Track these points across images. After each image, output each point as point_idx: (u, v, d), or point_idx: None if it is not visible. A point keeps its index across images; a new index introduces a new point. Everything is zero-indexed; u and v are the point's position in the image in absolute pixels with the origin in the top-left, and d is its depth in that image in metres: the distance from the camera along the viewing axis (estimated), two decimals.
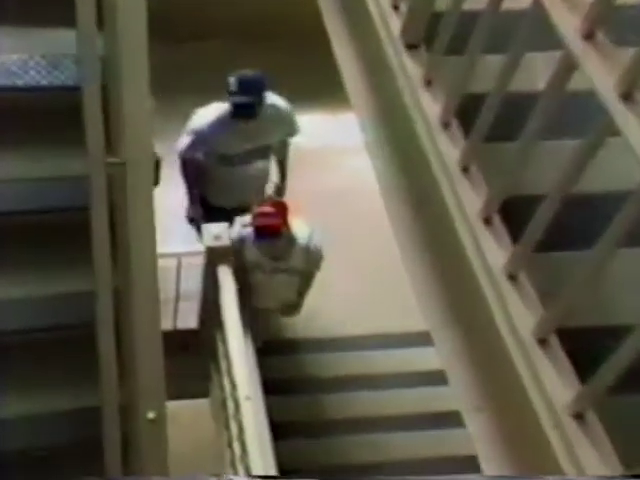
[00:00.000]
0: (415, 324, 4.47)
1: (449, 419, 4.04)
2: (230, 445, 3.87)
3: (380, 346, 5.15)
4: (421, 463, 4.51)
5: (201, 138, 4.36)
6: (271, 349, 4.56)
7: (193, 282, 4.62)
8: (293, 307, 4.55)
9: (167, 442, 2.69)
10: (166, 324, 4.37)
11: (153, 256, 2.57)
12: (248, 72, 4.32)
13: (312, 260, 4.24)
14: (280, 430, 4.10)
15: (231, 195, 4.59)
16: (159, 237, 2.52)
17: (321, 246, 4.22)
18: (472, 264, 2.15)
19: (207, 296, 4.37)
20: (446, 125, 2.46)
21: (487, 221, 2.20)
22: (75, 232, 2.51)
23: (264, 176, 4.66)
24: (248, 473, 3.41)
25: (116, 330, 2.57)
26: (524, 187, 2.22)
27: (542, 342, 1.94)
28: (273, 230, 3.96)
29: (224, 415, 4.03)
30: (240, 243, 4.19)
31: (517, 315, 2.00)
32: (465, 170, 2.35)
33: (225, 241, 4.18)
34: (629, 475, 1.66)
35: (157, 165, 5.23)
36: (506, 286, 2.06)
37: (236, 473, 3.70)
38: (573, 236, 2.13)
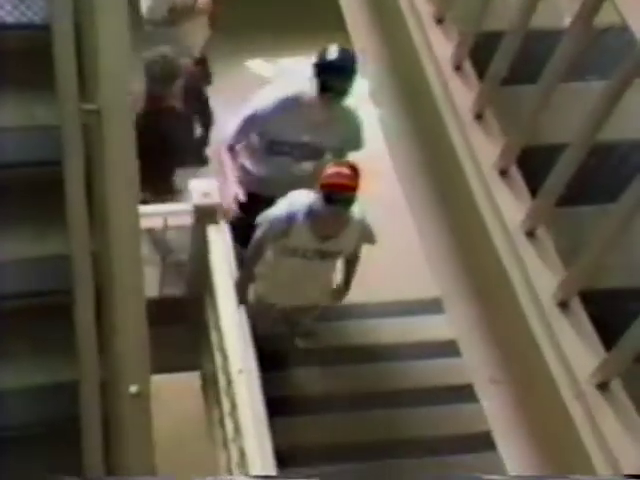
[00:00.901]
0: (428, 290, 4.53)
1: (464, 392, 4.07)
2: (222, 423, 3.90)
3: (391, 314, 5.17)
4: (434, 440, 4.55)
5: (259, 120, 4.20)
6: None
7: (182, 244, 4.62)
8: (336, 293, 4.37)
9: (152, 419, 2.70)
10: (151, 290, 4.38)
11: (134, 215, 2.56)
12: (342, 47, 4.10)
13: (365, 237, 4.07)
14: (277, 406, 4.11)
15: (270, 186, 4.37)
16: None
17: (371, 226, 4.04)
18: (486, 221, 2.15)
19: (196, 259, 4.37)
20: (458, 67, 2.44)
21: (503, 173, 2.19)
22: (47, 189, 2.50)
23: (308, 180, 4.31)
24: (242, 454, 3.44)
25: (95, 297, 2.57)
26: (544, 135, 2.21)
27: (563, 305, 1.94)
28: (351, 192, 3.69)
29: (215, 390, 4.05)
30: (286, 223, 3.94)
31: (536, 276, 2.00)
32: (479, 117, 2.34)
33: (214, 198, 4.16)
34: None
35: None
36: (524, 244, 2.05)
37: (229, 453, 3.73)
38: (598, 189, 2.12)
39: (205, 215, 4.20)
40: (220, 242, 4.17)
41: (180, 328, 4.44)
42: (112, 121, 2.34)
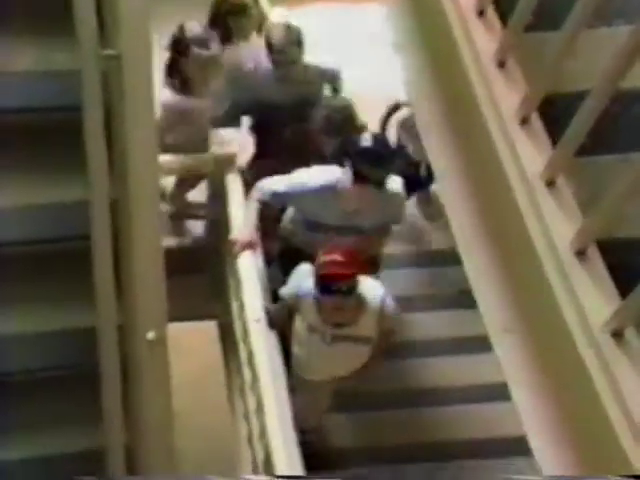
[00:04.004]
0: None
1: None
2: (239, 371, 3.97)
3: (406, 265, 5.20)
4: (450, 390, 4.61)
5: (292, 198, 4.04)
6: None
7: (202, 194, 4.67)
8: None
9: (168, 364, 2.76)
10: (170, 240, 4.44)
11: (154, 163, 2.59)
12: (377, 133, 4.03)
13: (387, 325, 3.76)
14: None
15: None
16: None
17: (398, 309, 3.77)
18: (506, 169, 2.17)
19: (214, 208, 4.42)
20: (481, 13, 2.44)
21: (524, 121, 2.20)
22: (65, 134, 2.54)
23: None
24: (259, 400, 3.51)
25: (114, 244, 2.62)
26: (568, 83, 2.21)
27: (580, 254, 1.96)
28: (347, 280, 3.46)
29: (232, 339, 4.12)
30: (296, 301, 3.76)
31: (554, 225, 2.02)
32: (501, 65, 2.35)
33: (233, 148, 4.19)
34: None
35: None
36: (543, 193, 2.07)
37: (246, 400, 3.81)
38: (621, 137, 2.13)
39: (224, 164, 4.24)
40: (238, 191, 4.20)
41: (198, 277, 4.50)
42: (132, 67, 2.36)
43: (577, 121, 1.98)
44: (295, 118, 4.44)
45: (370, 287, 3.67)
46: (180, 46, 4.18)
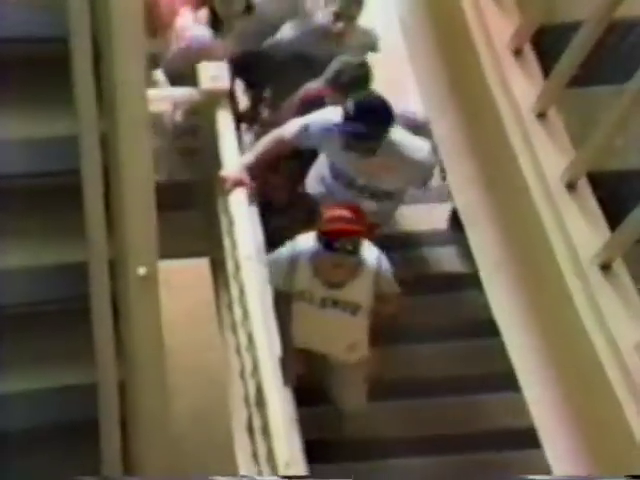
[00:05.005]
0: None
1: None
2: (230, 308, 4.00)
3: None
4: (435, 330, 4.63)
5: (324, 141, 3.90)
6: None
7: (192, 129, 4.63)
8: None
9: (159, 301, 2.77)
10: (161, 175, 4.42)
11: (143, 95, 2.57)
12: (369, 95, 3.78)
13: (382, 286, 3.61)
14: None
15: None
16: None
17: (391, 272, 3.62)
18: (497, 101, 2.16)
19: (205, 144, 4.40)
20: None
21: (517, 52, 2.19)
22: (53, 66, 2.52)
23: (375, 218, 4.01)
24: (250, 337, 3.54)
25: (104, 178, 2.61)
26: (562, 13, 2.19)
27: (571, 187, 1.97)
28: (353, 237, 3.37)
29: (224, 276, 4.14)
30: (289, 265, 3.61)
31: (544, 157, 2.03)
32: None
33: (224, 82, 4.15)
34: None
35: None
36: (534, 125, 2.07)
37: (237, 337, 3.84)
38: (615, 68, 2.11)
39: (214, 99, 4.21)
40: (229, 127, 4.18)
41: (190, 214, 4.50)
42: None
43: (570, 52, 1.97)
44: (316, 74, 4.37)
45: (367, 248, 3.59)
46: None
